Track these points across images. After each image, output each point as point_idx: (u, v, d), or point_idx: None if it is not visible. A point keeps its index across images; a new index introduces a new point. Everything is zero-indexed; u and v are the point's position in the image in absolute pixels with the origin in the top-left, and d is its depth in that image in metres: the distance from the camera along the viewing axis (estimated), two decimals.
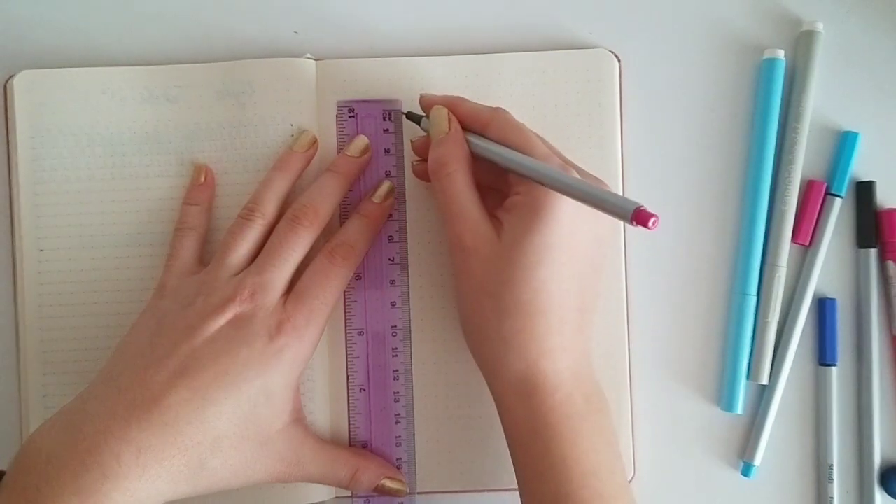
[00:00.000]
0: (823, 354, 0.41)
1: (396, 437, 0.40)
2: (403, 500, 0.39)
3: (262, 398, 0.34)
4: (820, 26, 0.41)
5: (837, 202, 0.41)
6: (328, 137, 0.40)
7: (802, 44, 0.41)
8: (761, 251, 0.41)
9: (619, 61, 0.41)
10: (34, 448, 0.31)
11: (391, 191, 0.39)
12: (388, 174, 0.40)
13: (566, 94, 0.41)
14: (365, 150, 0.39)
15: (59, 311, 0.40)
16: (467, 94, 0.40)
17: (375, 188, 0.39)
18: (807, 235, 0.41)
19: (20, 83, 0.40)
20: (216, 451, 0.33)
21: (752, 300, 0.40)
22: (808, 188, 0.41)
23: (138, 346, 0.35)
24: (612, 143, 0.41)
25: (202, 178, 0.39)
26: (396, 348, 0.40)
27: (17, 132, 0.40)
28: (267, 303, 0.35)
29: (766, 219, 0.41)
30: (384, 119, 0.40)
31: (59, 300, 0.40)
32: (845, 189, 0.41)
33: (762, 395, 0.41)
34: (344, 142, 0.40)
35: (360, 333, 0.40)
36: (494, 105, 0.37)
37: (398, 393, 0.40)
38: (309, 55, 0.41)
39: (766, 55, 0.41)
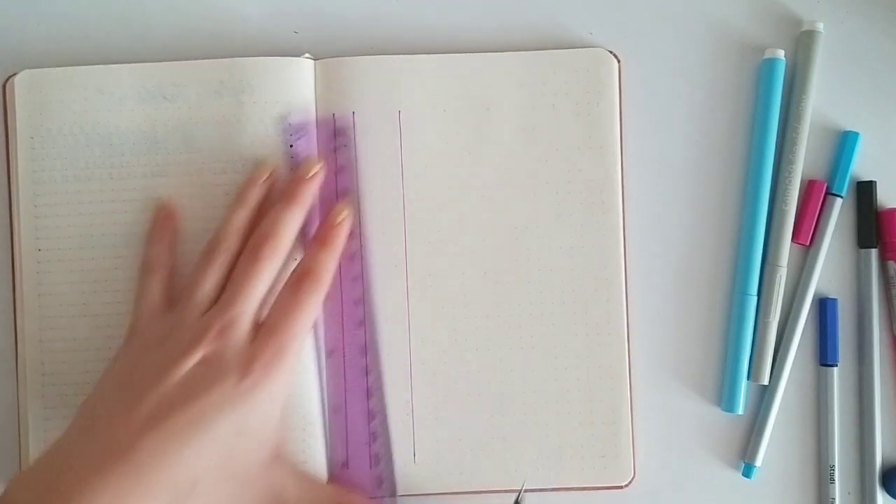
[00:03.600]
0: (824, 355, 0.41)
1: (373, 447, 0.40)
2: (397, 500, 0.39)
3: (237, 438, 0.33)
4: (820, 26, 0.41)
5: (838, 202, 0.41)
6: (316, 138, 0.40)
7: (802, 44, 0.41)
8: (762, 251, 0.40)
9: (619, 61, 0.41)
10: (12, 502, 0.31)
11: (347, 211, 0.39)
12: (341, 192, 0.40)
13: (566, 94, 0.40)
14: (316, 170, 0.39)
15: (58, 311, 0.40)
16: (467, 94, 0.40)
17: (330, 210, 0.39)
18: (807, 235, 0.41)
19: (20, 83, 0.40)
20: (194, 494, 0.32)
21: (753, 300, 0.40)
22: (808, 188, 0.41)
23: (110, 391, 0.34)
24: (612, 143, 0.40)
25: (164, 217, 0.39)
26: (368, 363, 0.40)
27: (18, 132, 0.40)
28: (235, 340, 0.34)
29: (767, 219, 0.41)
30: (335, 136, 0.40)
31: (57, 300, 0.40)
32: (846, 189, 0.41)
33: (763, 396, 0.41)
34: (296, 163, 0.39)
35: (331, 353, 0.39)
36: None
37: (371, 406, 0.40)
38: (308, 54, 0.41)
39: (766, 55, 0.41)
